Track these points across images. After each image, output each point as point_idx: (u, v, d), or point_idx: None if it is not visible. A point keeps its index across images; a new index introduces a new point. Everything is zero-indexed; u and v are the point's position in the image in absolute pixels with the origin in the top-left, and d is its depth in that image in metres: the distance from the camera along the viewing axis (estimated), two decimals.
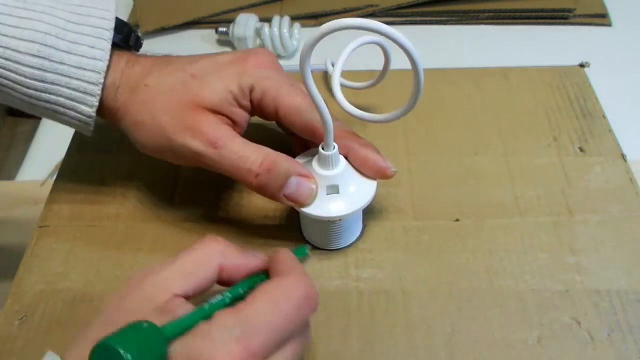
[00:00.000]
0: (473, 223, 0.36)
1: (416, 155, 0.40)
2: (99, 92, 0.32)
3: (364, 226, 0.36)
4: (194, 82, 0.32)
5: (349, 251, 0.35)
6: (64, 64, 0.32)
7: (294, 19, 0.65)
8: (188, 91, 0.32)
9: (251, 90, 0.33)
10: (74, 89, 0.32)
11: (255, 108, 0.33)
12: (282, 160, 0.31)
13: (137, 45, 0.37)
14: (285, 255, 0.27)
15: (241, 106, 0.33)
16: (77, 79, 0.32)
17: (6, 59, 0.31)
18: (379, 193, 0.37)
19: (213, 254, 0.26)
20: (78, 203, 0.38)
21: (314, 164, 0.32)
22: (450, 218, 0.36)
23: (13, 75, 0.31)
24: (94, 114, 0.33)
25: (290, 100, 0.33)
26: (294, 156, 0.33)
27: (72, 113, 0.33)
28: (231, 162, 0.31)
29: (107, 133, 0.36)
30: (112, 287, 0.34)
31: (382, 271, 0.34)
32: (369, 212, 0.36)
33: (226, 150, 0.31)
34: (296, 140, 0.36)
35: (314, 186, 0.31)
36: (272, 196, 0.32)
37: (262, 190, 0.31)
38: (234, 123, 0.33)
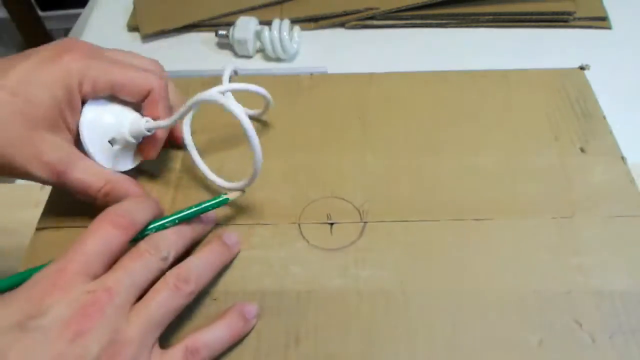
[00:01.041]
0: (475, 222, 0.36)
1: (417, 155, 0.40)
2: None
3: (365, 224, 0.36)
4: (17, 102, 0.31)
5: (349, 250, 0.35)
6: None
7: (294, 22, 0.66)
8: (16, 115, 0.31)
9: (81, 86, 0.32)
10: None
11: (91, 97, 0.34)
12: (121, 185, 0.34)
13: None
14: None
15: (73, 108, 0.33)
16: None
17: None
18: (379, 191, 0.37)
19: None
20: (77, 205, 0.38)
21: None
22: (451, 217, 0.36)
23: None
24: None
25: (124, 74, 0.34)
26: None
27: None
28: (75, 189, 0.34)
29: None
30: None
31: (382, 271, 0.34)
32: (368, 211, 0.36)
33: (69, 178, 0.33)
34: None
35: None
36: None
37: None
38: (70, 129, 0.33)
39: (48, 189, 0.39)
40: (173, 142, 0.40)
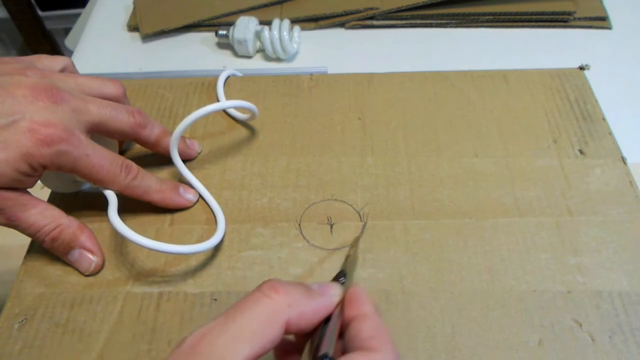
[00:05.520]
0: (474, 222, 0.36)
1: (416, 156, 0.40)
2: None
3: (365, 225, 0.36)
4: None
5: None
6: None
7: (294, 21, 0.66)
8: None
9: (46, 168, 0.32)
10: None
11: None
12: (67, 233, 0.34)
13: None
14: (366, 308, 0.25)
15: (36, 174, 0.33)
16: None
17: None
18: (380, 193, 0.37)
19: (278, 309, 0.23)
20: (77, 205, 0.38)
21: None
22: (451, 218, 0.36)
23: None
24: None
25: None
26: None
27: None
28: (27, 232, 0.33)
29: None
30: (112, 289, 0.34)
31: (382, 271, 0.34)
32: (369, 212, 0.36)
33: (22, 222, 0.33)
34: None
35: (94, 258, 0.35)
36: (59, 257, 0.35)
37: (50, 251, 0.35)
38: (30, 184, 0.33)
39: (48, 189, 0.39)
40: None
